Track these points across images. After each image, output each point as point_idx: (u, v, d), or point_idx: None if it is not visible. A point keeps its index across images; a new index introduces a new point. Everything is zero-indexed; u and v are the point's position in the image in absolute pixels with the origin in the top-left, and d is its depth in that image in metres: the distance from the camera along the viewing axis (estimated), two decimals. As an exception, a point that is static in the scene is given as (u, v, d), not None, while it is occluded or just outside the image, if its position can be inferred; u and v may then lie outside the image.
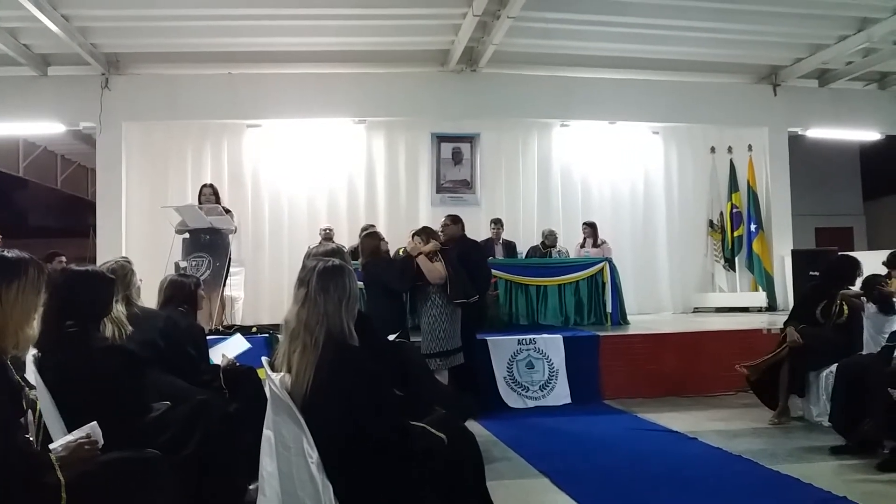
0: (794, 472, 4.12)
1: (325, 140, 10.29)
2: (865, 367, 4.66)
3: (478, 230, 9.57)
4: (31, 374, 2.69)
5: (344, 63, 9.70)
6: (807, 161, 12.45)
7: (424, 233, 5.77)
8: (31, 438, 2.39)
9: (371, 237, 5.85)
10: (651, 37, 9.29)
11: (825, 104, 11.02)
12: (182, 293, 4.14)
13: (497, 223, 9.56)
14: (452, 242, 6.02)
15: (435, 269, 5.47)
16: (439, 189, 10.51)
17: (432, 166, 10.50)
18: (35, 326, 2.30)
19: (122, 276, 3.66)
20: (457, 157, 10.57)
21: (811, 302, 5.69)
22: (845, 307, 5.46)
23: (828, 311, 5.53)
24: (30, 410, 2.42)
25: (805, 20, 9.09)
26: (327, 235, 8.87)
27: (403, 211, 10.32)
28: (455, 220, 6.37)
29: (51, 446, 2.36)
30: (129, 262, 3.92)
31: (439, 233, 6.06)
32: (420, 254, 5.52)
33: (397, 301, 5.64)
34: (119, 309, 3.48)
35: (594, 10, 8.59)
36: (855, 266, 5.63)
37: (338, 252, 3.81)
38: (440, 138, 10.51)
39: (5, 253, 2.28)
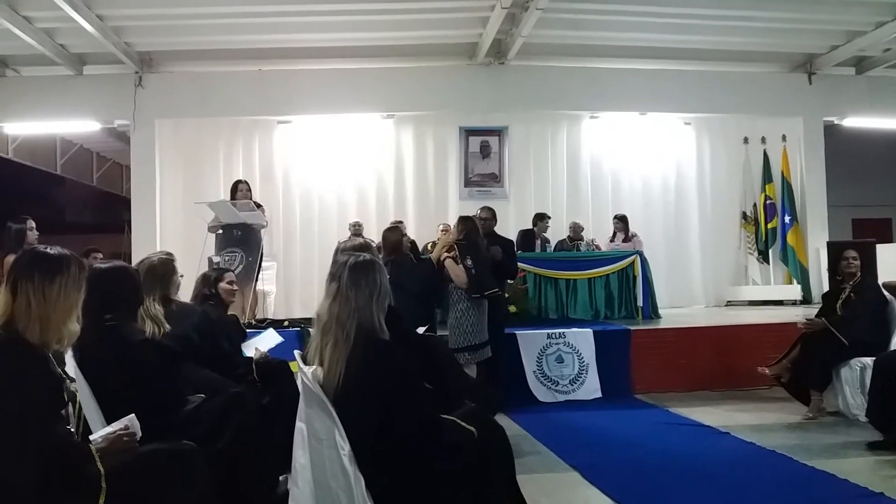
0: (830, 468, 4.05)
1: (354, 135, 10.35)
2: (904, 361, 4.57)
3: (506, 224, 9.54)
4: (71, 367, 2.75)
5: (372, 58, 9.73)
6: (843, 151, 12.13)
7: (460, 222, 5.69)
8: (72, 430, 2.45)
9: (393, 231, 5.72)
10: (683, 26, 9.15)
11: (862, 92, 10.75)
12: (206, 287, 4.21)
13: (543, 218, 9.48)
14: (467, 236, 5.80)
15: (462, 274, 5.39)
16: (467, 183, 10.49)
17: (460, 160, 10.48)
18: (77, 322, 2.34)
19: (162, 273, 3.68)
20: (485, 151, 10.54)
21: (832, 298, 5.73)
22: (853, 298, 5.42)
23: (843, 304, 5.52)
24: (70, 403, 2.48)
25: (841, 7, 8.88)
26: (356, 231, 8.93)
27: (432, 205, 10.34)
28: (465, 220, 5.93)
29: (91, 437, 2.42)
30: (171, 257, 3.86)
31: (479, 220, 5.99)
32: (447, 258, 5.42)
33: (424, 295, 5.61)
34: (157, 308, 3.48)
35: None
36: (835, 254, 5.79)
37: (367, 247, 3.83)
38: (468, 132, 10.48)
39: (47, 250, 2.33)
